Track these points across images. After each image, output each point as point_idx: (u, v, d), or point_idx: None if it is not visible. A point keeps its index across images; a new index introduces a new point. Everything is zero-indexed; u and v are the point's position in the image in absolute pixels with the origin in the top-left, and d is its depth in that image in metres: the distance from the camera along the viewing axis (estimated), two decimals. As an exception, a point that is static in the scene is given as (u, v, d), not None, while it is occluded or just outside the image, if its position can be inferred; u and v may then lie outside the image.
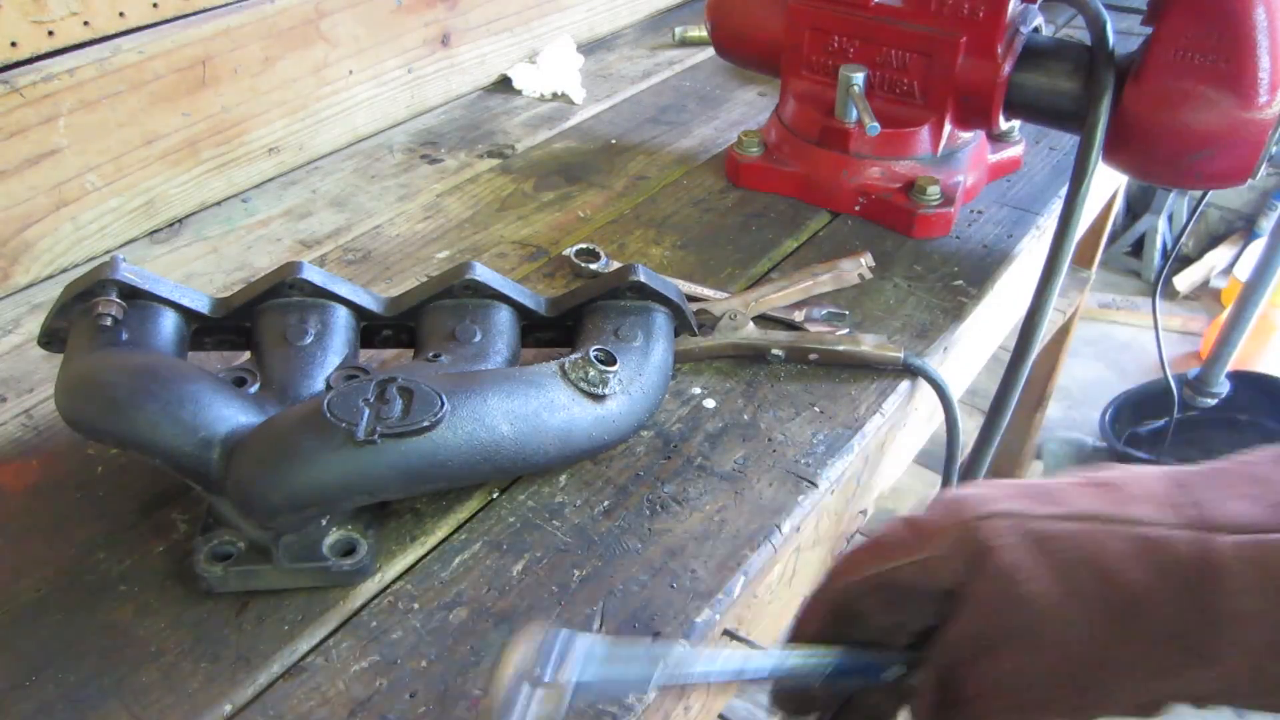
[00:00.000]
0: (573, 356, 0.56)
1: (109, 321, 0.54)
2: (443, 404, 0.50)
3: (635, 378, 0.57)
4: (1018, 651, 0.37)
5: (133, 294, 0.56)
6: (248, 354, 0.61)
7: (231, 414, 0.52)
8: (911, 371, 0.67)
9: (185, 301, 0.58)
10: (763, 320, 0.71)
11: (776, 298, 0.71)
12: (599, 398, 0.55)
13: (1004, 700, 0.37)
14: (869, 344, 0.66)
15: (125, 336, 0.55)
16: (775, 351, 0.67)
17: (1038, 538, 0.37)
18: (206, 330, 0.60)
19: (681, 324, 0.65)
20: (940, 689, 0.39)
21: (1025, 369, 0.75)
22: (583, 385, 0.55)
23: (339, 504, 0.51)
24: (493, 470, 0.53)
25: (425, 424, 0.49)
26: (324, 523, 0.52)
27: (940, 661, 0.38)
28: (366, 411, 0.49)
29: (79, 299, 0.56)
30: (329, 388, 0.56)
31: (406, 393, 0.50)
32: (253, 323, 0.60)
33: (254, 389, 0.57)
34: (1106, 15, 0.72)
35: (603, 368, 0.55)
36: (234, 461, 0.50)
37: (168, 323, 0.57)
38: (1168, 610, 0.36)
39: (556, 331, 0.64)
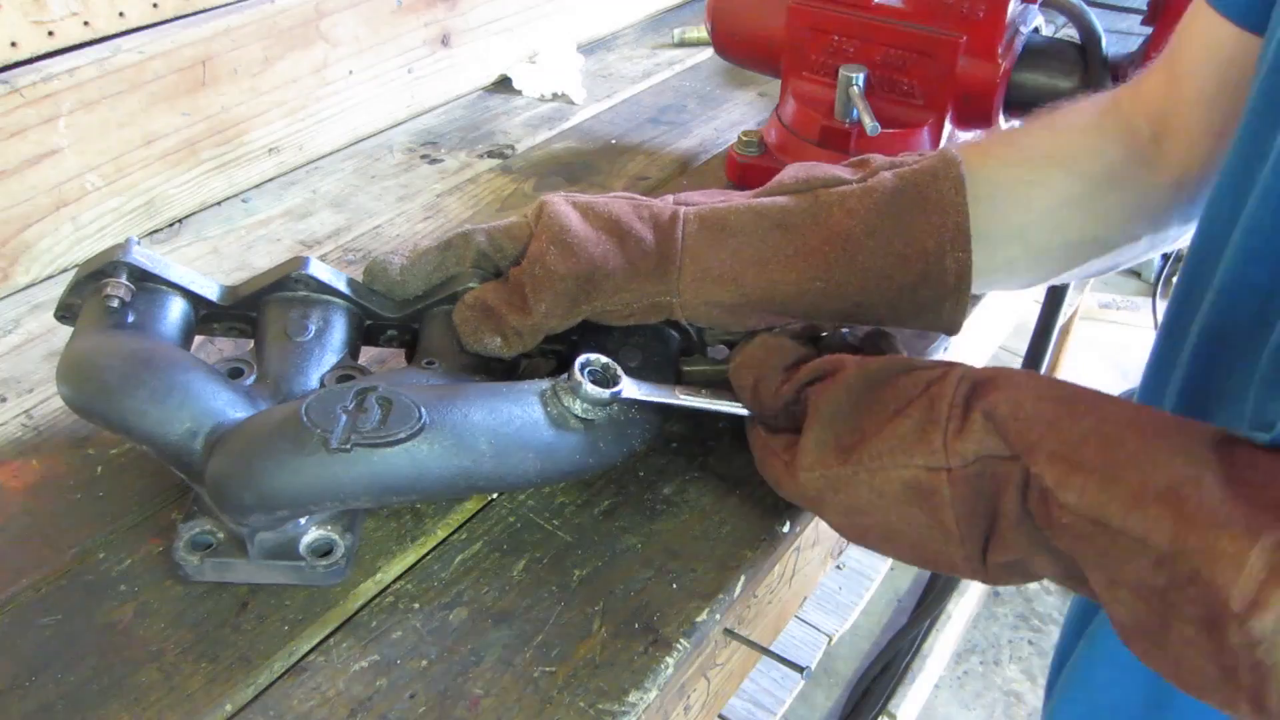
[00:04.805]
0: (565, 377, 0.54)
1: (116, 303, 0.55)
2: (420, 416, 0.49)
3: (630, 403, 0.55)
4: (559, 253, 0.57)
5: (143, 277, 0.57)
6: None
7: (220, 406, 0.52)
8: None
9: (194, 288, 0.58)
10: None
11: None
12: (588, 423, 0.54)
13: (544, 284, 0.56)
14: None
15: (132, 319, 0.55)
16: None
17: (575, 202, 0.60)
18: (214, 317, 0.60)
19: (690, 344, 0.64)
20: (514, 289, 0.58)
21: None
22: (573, 409, 0.53)
23: (310, 509, 0.51)
24: (468, 488, 0.52)
25: (401, 436, 0.49)
26: (303, 521, 0.52)
27: (520, 269, 0.58)
28: (344, 419, 0.49)
29: (91, 278, 0.56)
30: (323, 386, 0.56)
31: (386, 402, 0.50)
32: (258, 313, 0.60)
33: (250, 380, 0.57)
34: (1100, 29, 0.72)
35: (596, 391, 0.53)
36: (213, 456, 0.50)
37: (175, 308, 0.58)
38: (646, 236, 0.57)
39: (564, 344, 0.63)
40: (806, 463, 0.49)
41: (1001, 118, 0.80)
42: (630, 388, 0.54)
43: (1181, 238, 0.61)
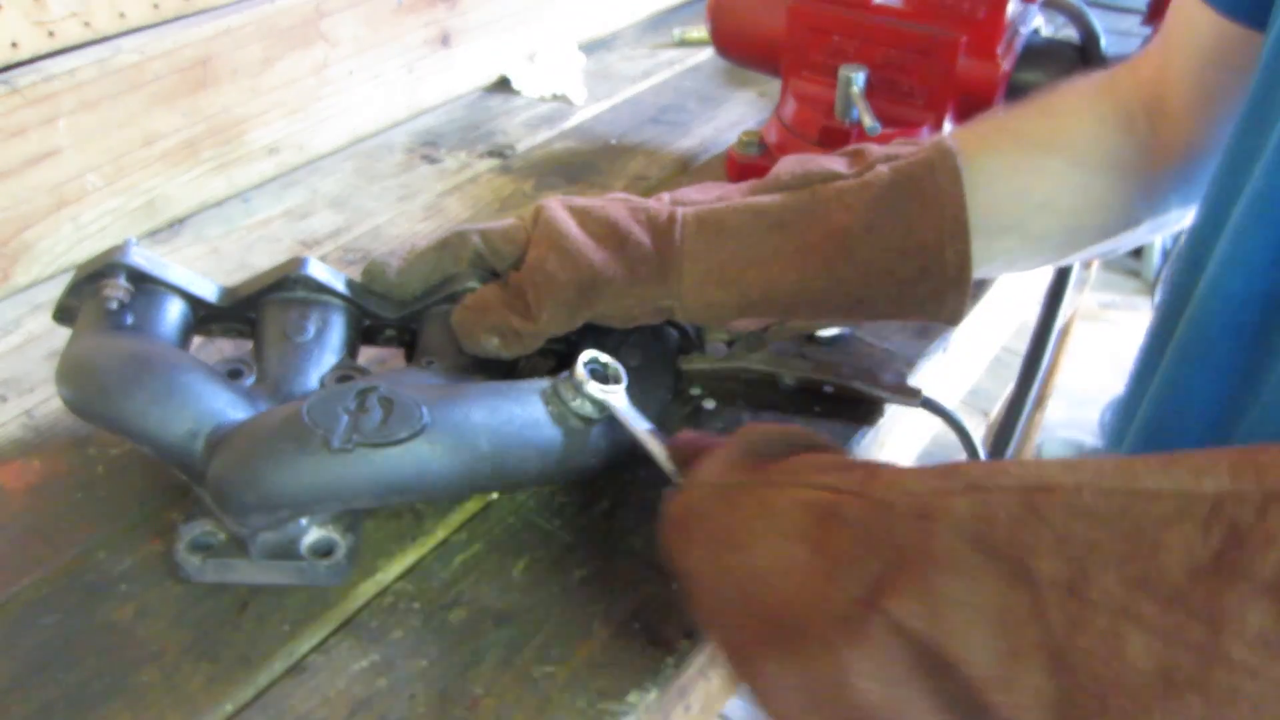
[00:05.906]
0: (564, 376, 0.54)
1: (114, 305, 0.55)
2: (422, 416, 0.49)
3: (630, 401, 0.54)
4: (559, 260, 0.56)
5: (141, 278, 0.57)
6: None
7: (220, 407, 0.52)
8: (930, 409, 0.63)
9: (192, 289, 0.58)
10: (786, 340, 0.67)
11: (804, 323, 0.66)
12: (589, 421, 0.53)
13: (546, 292, 0.56)
14: (887, 380, 0.63)
15: (130, 320, 0.55)
16: (787, 381, 0.64)
17: (571, 207, 0.59)
18: (213, 318, 0.60)
19: (689, 342, 0.64)
20: (516, 294, 0.58)
21: (1035, 382, 0.75)
22: (573, 407, 0.53)
23: (311, 509, 0.51)
24: (469, 487, 0.53)
25: (402, 436, 0.49)
26: (304, 522, 0.52)
27: (521, 275, 0.58)
28: (345, 419, 0.49)
29: (89, 280, 0.56)
30: (323, 386, 0.56)
31: (387, 402, 0.50)
32: (256, 314, 0.60)
33: (250, 381, 0.57)
34: (1100, 29, 0.72)
35: (598, 388, 0.53)
36: (215, 457, 0.50)
37: (174, 309, 0.58)
38: (644, 241, 0.57)
39: (563, 343, 0.63)
40: (704, 472, 0.45)
41: (1001, 118, 0.80)
42: (622, 399, 0.53)
43: (1184, 219, 0.61)
